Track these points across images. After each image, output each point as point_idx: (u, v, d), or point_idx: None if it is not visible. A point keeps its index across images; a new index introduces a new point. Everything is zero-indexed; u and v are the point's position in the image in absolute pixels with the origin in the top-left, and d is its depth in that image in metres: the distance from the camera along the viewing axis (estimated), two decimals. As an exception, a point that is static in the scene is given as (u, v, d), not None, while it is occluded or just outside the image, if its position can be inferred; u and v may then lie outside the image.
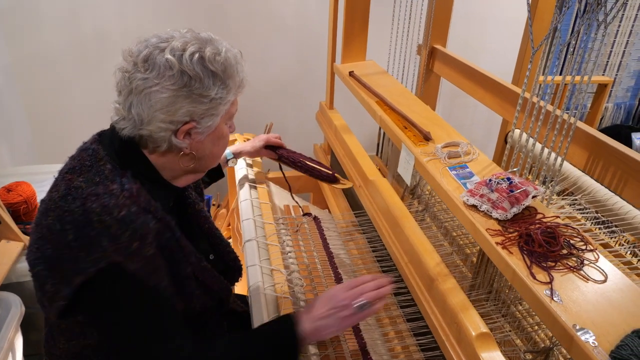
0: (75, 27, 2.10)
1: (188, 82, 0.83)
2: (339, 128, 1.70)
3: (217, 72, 0.86)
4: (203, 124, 0.88)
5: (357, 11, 1.75)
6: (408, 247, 1.10)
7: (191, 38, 0.86)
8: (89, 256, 0.76)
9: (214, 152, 0.96)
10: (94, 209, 0.77)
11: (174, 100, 0.83)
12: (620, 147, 1.06)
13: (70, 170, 0.85)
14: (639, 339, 0.64)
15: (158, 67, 0.82)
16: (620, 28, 2.52)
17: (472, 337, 0.84)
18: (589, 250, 0.84)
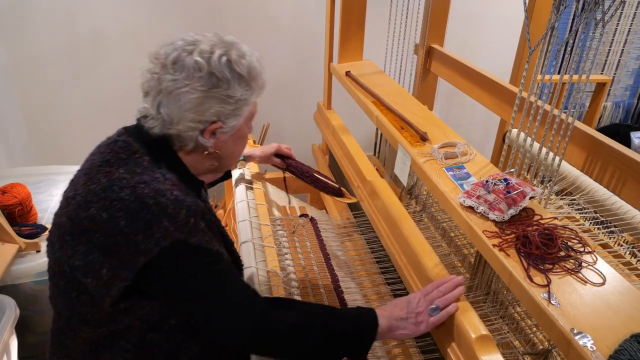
0: (72, 27, 2.08)
1: (216, 83, 0.87)
2: (337, 128, 1.70)
3: (243, 74, 0.90)
4: (228, 124, 0.92)
5: (354, 11, 1.74)
6: (406, 248, 1.09)
7: (217, 41, 0.90)
8: (150, 237, 0.79)
9: (235, 151, 1.01)
10: (147, 194, 0.81)
11: (203, 101, 0.87)
12: (619, 147, 1.05)
13: (105, 163, 0.87)
14: (637, 344, 0.63)
15: (187, 69, 0.86)
16: (619, 27, 2.52)
17: (472, 339, 0.82)
18: (587, 252, 0.83)
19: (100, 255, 0.81)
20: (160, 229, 0.80)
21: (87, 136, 2.26)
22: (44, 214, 1.61)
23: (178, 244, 0.81)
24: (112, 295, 0.82)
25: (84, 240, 0.82)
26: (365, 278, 1.29)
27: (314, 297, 1.19)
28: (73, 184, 0.89)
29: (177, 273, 0.83)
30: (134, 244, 0.79)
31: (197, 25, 2.20)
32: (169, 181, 0.87)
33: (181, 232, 0.82)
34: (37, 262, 1.44)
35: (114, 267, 0.81)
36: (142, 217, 0.80)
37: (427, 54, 1.88)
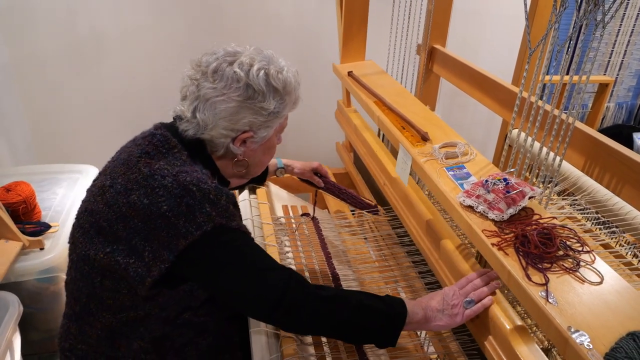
0: (72, 27, 2.10)
1: (252, 95, 0.92)
2: (359, 127, 1.70)
3: (278, 88, 0.94)
4: (259, 134, 0.97)
5: (356, 10, 1.74)
6: (437, 244, 1.11)
7: (257, 54, 0.96)
8: (192, 221, 0.84)
9: (262, 160, 1.07)
10: (190, 181, 0.86)
11: (237, 111, 0.92)
12: (619, 148, 1.05)
13: (145, 154, 0.91)
14: (633, 342, 0.64)
15: (226, 79, 0.91)
16: (622, 27, 2.51)
17: (507, 331, 0.84)
18: (586, 252, 0.84)
19: (142, 240, 0.85)
20: (202, 214, 0.84)
21: (89, 135, 2.31)
22: (48, 212, 1.62)
23: (220, 227, 0.86)
24: (153, 276, 0.85)
25: (121, 226, 0.86)
26: (366, 277, 1.29)
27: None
28: (109, 174, 0.92)
29: (219, 253, 0.87)
30: (174, 228, 0.84)
31: (197, 25, 2.21)
32: (206, 175, 0.91)
33: (222, 217, 0.86)
34: (40, 259, 1.45)
35: (155, 249, 0.85)
36: (185, 202, 0.84)
37: (429, 55, 1.88)
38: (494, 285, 0.94)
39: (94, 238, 0.89)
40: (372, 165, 1.56)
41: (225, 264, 0.88)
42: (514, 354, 0.81)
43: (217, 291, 0.92)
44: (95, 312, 0.92)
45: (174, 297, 0.92)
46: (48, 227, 1.53)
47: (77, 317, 0.95)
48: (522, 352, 0.80)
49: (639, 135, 2.40)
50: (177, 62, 2.25)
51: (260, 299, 0.88)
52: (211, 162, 0.99)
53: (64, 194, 1.73)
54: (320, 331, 0.97)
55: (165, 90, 1.70)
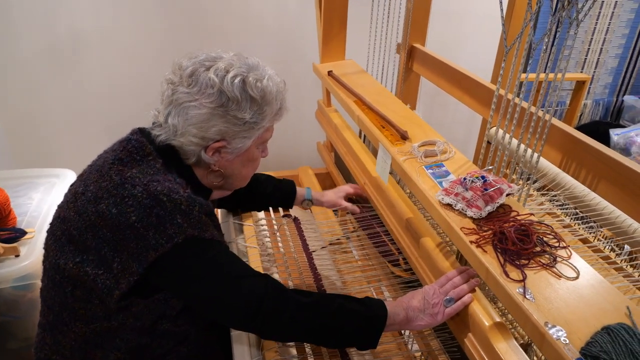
0: (51, 27, 2.06)
1: (225, 103, 0.88)
2: (339, 126, 1.70)
3: (256, 98, 0.90)
4: (234, 144, 0.93)
5: (336, 9, 1.74)
6: (417, 242, 1.11)
7: (237, 61, 0.92)
8: (162, 233, 0.81)
9: (242, 173, 1.02)
10: (161, 191, 0.83)
11: (208, 118, 0.88)
12: (593, 144, 1.06)
13: (118, 161, 0.88)
14: (608, 336, 0.65)
15: (200, 84, 0.88)
16: (598, 26, 2.55)
17: (486, 327, 0.84)
18: (562, 247, 0.85)
19: (111, 250, 0.83)
20: (173, 225, 0.82)
21: (66, 139, 2.27)
22: (23, 218, 1.58)
23: (191, 239, 0.83)
24: (122, 289, 0.83)
25: (90, 235, 0.83)
26: (349, 277, 1.29)
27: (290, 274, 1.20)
28: (83, 180, 0.90)
29: (191, 265, 0.85)
30: (143, 239, 0.81)
31: (178, 26, 2.19)
32: (179, 184, 0.88)
33: (194, 228, 0.84)
34: (16, 266, 1.41)
35: (124, 260, 0.82)
36: (155, 213, 0.81)
37: (409, 54, 1.89)
38: (473, 282, 0.94)
39: (65, 246, 0.87)
40: (352, 165, 1.56)
41: (199, 275, 0.85)
42: (493, 351, 0.81)
43: (192, 302, 0.91)
44: (68, 322, 0.90)
45: (148, 307, 0.89)
46: (24, 234, 1.50)
47: (51, 327, 0.93)
48: (501, 349, 0.80)
49: (616, 132, 2.44)
50: (158, 63, 2.23)
51: (237, 308, 0.87)
52: (187, 170, 0.96)
53: (41, 199, 1.69)
54: (301, 337, 0.96)
55: (146, 93, 1.68)
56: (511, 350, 0.80)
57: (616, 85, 2.77)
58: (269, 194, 1.38)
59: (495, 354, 0.80)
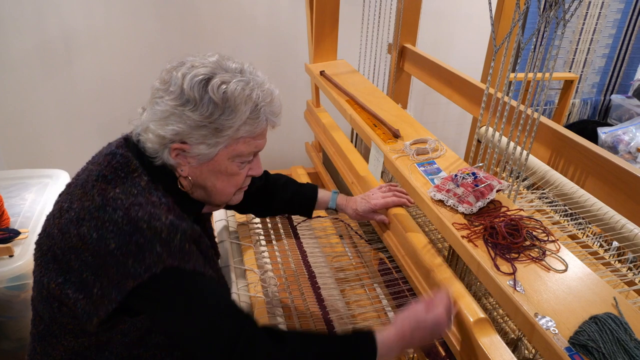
0: (42, 27, 2.05)
1: (184, 102, 0.84)
2: (327, 126, 1.71)
3: (217, 102, 0.84)
4: (195, 149, 0.88)
5: (327, 11, 1.76)
6: (403, 241, 1.11)
7: (212, 62, 0.87)
8: (141, 262, 0.77)
9: (218, 186, 0.94)
10: (141, 217, 0.79)
11: (166, 116, 0.85)
12: (581, 141, 1.09)
13: (102, 178, 0.84)
14: (595, 325, 0.67)
15: (168, 82, 0.86)
16: (585, 26, 2.59)
17: (471, 323, 0.84)
18: (551, 241, 0.87)
19: (92, 275, 0.80)
20: (152, 255, 0.78)
21: (59, 139, 2.27)
22: (17, 218, 1.58)
23: (170, 270, 0.79)
24: (100, 316, 0.80)
25: (73, 257, 0.80)
26: (342, 274, 1.31)
27: (291, 293, 1.20)
28: (69, 194, 0.87)
29: (167, 298, 0.81)
30: (123, 266, 0.77)
31: (170, 25, 2.19)
32: (165, 205, 0.84)
33: (174, 258, 0.79)
34: (10, 267, 1.41)
35: (104, 286, 0.79)
36: (134, 240, 0.78)
37: (400, 53, 1.91)
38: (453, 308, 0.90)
39: (50, 264, 0.84)
40: (340, 165, 1.57)
41: (174, 308, 0.81)
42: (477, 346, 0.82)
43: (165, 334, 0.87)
44: (58, 335, 0.88)
45: (135, 324, 0.87)
46: (17, 234, 1.50)
47: (41, 338, 0.91)
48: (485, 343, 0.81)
49: (603, 130, 2.48)
50: (149, 63, 2.24)
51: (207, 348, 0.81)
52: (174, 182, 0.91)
53: (34, 200, 1.69)
54: None
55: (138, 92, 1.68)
56: (494, 345, 0.81)
57: (604, 85, 2.82)
58: (286, 200, 1.27)
59: (480, 349, 0.82)
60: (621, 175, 0.97)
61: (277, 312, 1.14)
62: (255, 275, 1.22)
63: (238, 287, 1.17)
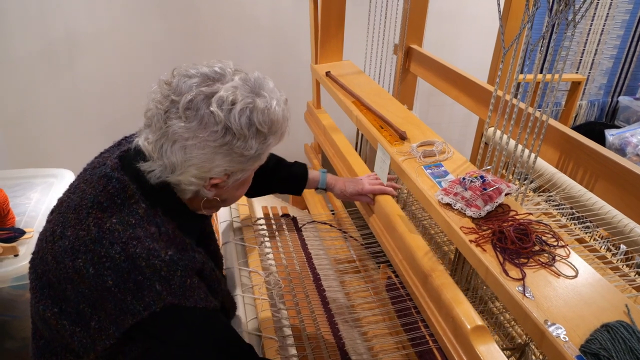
0: (46, 28, 2.05)
1: (231, 140, 0.78)
2: (327, 127, 1.70)
3: (263, 131, 0.81)
4: (234, 177, 0.85)
5: (333, 11, 1.75)
6: (401, 244, 1.10)
7: (242, 86, 0.80)
8: (140, 300, 0.74)
9: (236, 195, 0.94)
10: (140, 254, 0.76)
11: (212, 157, 0.79)
12: (591, 144, 1.07)
13: (97, 205, 0.80)
14: (607, 333, 0.66)
15: (201, 118, 0.76)
16: (593, 27, 2.57)
17: (468, 330, 0.83)
18: (561, 246, 0.86)
19: (89, 307, 0.76)
20: (151, 292, 0.75)
21: (63, 139, 2.27)
22: (22, 218, 1.58)
23: (170, 308, 0.76)
24: (97, 351, 0.78)
25: (69, 287, 0.77)
26: (346, 277, 1.30)
27: (295, 295, 1.20)
28: (62, 214, 0.82)
29: (167, 335, 0.79)
30: (122, 303, 0.75)
31: (173, 26, 2.19)
32: (165, 235, 0.81)
33: (175, 296, 0.76)
34: (14, 266, 1.41)
35: (102, 320, 0.76)
36: (133, 278, 0.75)
37: (406, 54, 1.90)
38: None
39: (45, 289, 0.80)
40: (339, 167, 1.56)
41: (175, 345, 0.79)
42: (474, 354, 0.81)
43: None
44: (59, 352, 0.86)
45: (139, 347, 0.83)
46: (22, 233, 1.49)
47: (40, 355, 0.88)
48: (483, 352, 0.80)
49: (611, 132, 2.46)
50: (153, 63, 2.23)
51: None
52: (177, 202, 0.86)
53: (39, 199, 1.69)
54: None
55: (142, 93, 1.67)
56: (492, 353, 0.80)
57: (611, 86, 2.79)
58: (277, 180, 1.27)
59: (477, 357, 0.80)
60: (629, 177, 0.96)
61: (282, 315, 1.13)
62: (260, 277, 1.21)
63: (242, 289, 1.17)
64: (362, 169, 1.40)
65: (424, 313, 0.98)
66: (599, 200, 1.14)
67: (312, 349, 1.05)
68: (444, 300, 0.90)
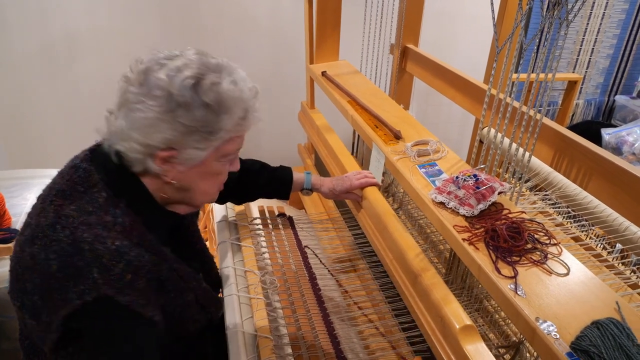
0: (45, 28, 2.06)
1: (174, 108, 0.77)
2: (321, 128, 1.70)
3: (211, 104, 0.78)
4: (185, 154, 0.81)
5: (329, 11, 1.75)
6: (391, 244, 1.10)
7: (196, 60, 0.81)
8: (77, 287, 0.71)
9: (202, 187, 0.89)
10: (85, 238, 0.74)
11: (153, 123, 0.77)
12: (584, 142, 1.08)
13: (60, 193, 0.79)
14: (597, 330, 0.66)
15: (149, 84, 0.78)
16: (589, 26, 2.58)
17: (457, 330, 0.83)
18: (553, 244, 0.86)
19: (40, 299, 0.74)
20: (88, 280, 0.72)
21: (62, 139, 2.27)
22: (18, 218, 1.58)
23: (104, 300, 0.72)
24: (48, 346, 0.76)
25: (27, 277, 0.75)
26: (343, 276, 1.30)
27: (291, 295, 1.20)
28: (34, 208, 0.82)
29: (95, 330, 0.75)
30: (63, 291, 0.72)
31: (172, 25, 2.19)
32: (120, 226, 0.78)
33: (111, 287, 0.73)
34: (11, 267, 1.41)
35: (50, 313, 0.74)
36: (74, 263, 0.72)
37: (402, 54, 1.90)
38: None
39: (13, 283, 0.79)
40: (332, 167, 1.56)
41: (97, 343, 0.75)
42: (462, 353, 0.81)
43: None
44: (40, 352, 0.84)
45: None
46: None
47: (27, 356, 0.87)
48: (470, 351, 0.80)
49: (607, 131, 2.47)
50: (150, 64, 2.24)
51: None
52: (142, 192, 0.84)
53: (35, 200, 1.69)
54: None
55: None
56: (479, 352, 0.80)
57: (608, 85, 2.80)
58: (262, 185, 1.27)
59: (465, 356, 0.80)
60: (624, 177, 0.97)
61: (278, 314, 1.13)
62: (256, 277, 1.22)
63: (238, 289, 1.17)
64: (354, 169, 1.41)
65: (414, 313, 0.99)
66: (594, 199, 1.15)
67: (307, 348, 1.05)
68: (433, 300, 0.91)
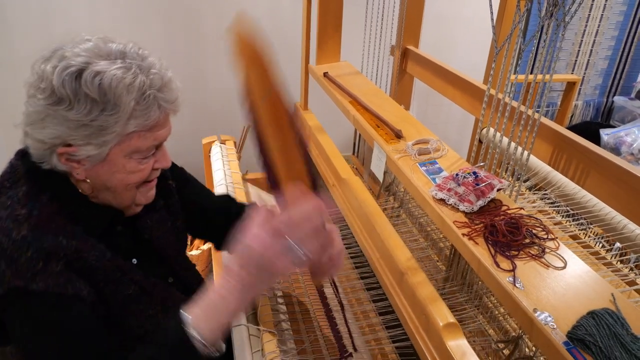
0: (46, 29, 2.08)
1: (57, 101, 0.73)
2: (313, 129, 1.73)
3: (92, 96, 0.73)
4: (83, 151, 0.77)
5: (331, 12, 1.78)
6: (380, 244, 1.13)
7: (90, 48, 0.75)
8: None
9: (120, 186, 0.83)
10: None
11: (41, 118, 0.75)
12: (581, 141, 1.10)
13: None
14: (592, 320, 0.68)
15: (40, 76, 0.75)
16: (587, 28, 2.61)
17: (440, 327, 0.86)
18: (550, 239, 0.88)
19: None
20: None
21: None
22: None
23: (15, 291, 0.71)
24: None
25: None
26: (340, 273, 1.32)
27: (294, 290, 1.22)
28: None
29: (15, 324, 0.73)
30: None
31: (173, 27, 2.22)
32: (35, 218, 0.75)
33: (21, 277, 0.71)
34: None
35: None
36: None
37: (402, 55, 1.92)
38: None
39: None
40: (323, 167, 1.58)
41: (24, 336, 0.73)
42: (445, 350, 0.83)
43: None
44: None
45: None
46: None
47: None
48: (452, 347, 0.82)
49: (606, 132, 2.49)
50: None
51: None
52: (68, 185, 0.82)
53: None
54: None
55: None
56: (462, 349, 0.82)
57: (606, 86, 2.83)
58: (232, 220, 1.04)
59: (447, 353, 0.82)
60: (622, 176, 0.98)
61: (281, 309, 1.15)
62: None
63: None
64: (346, 169, 1.43)
65: (399, 312, 1.01)
66: (592, 198, 1.17)
67: (310, 342, 1.07)
68: (418, 298, 0.93)
